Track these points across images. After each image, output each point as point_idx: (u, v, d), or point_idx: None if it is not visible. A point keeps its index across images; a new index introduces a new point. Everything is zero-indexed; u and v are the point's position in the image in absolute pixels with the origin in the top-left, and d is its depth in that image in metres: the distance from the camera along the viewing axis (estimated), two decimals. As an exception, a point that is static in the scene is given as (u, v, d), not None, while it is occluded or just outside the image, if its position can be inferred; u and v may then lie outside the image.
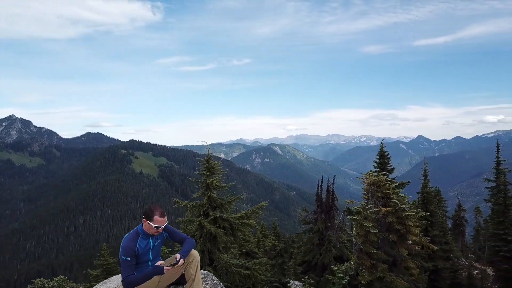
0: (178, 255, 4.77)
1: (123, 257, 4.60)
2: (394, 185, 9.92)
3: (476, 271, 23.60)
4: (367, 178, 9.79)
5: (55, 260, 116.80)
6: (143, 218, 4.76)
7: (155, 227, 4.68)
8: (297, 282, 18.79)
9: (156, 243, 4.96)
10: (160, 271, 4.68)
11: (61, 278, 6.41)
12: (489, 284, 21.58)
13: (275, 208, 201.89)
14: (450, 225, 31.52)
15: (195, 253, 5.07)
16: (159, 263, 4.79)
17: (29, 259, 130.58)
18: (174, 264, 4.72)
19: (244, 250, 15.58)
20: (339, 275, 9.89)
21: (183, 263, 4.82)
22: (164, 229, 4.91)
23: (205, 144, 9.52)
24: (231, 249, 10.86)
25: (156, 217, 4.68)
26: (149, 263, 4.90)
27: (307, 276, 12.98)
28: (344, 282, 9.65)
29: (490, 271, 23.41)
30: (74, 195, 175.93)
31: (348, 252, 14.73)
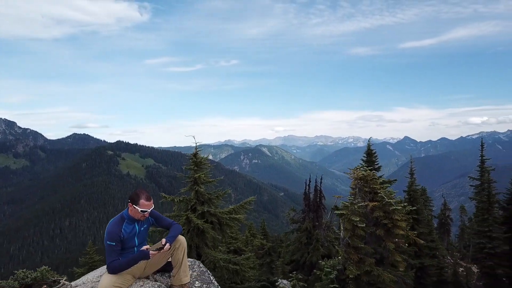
0: (164, 240, 4.65)
1: (107, 242, 4.46)
2: (381, 180, 10.01)
3: (461, 269, 23.94)
4: (354, 173, 9.85)
5: (40, 263, 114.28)
6: (129, 202, 4.64)
7: (141, 211, 4.56)
8: (285, 281, 18.83)
9: (142, 229, 4.82)
10: (146, 255, 4.54)
11: (45, 269, 6.26)
12: (473, 282, 21.90)
13: (264, 209, 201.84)
14: (435, 225, 31.96)
15: (182, 238, 4.97)
16: (144, 247, 4.65)
17: (13, 262, 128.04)
18: (160, 249, 4.60)
19: (232, 247, 15.55)
20: (327, 269, 9.93)
21: (170, 248, 4.71)
22: (150, 214, 4.80)
23: (193, 138, 9.46)
24: (219, 247, 10.81)
25: (142, 201, 4.57)
26: (135, 249, 4.75)
27: (295, 272, 12.99)
28: (332, 277, 9.70)
29: (474, 268, 23.76)
30: (60, 197, 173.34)
31: (337, 248, 14.80)
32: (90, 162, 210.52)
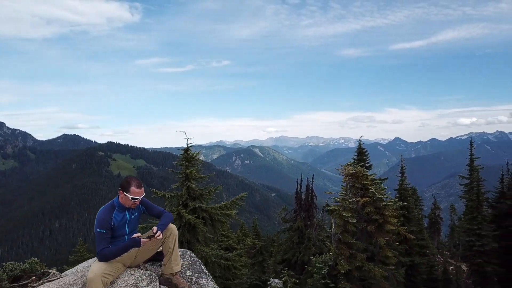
0: (155, 228, 4.59)
1: (98, 229, 4.40)
2: (371, 177, 10.08)
3: (451, 267, 24.17)
4: (345, 169, 9.91)
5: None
6: (119, 189, 4.56)
7: (131, 198, 4.49)
8: (277, 280, 18.85)
9: (133, 217, 4.77)
10: (136, 243, 4.49)
11: (33, 261, 6.19)
12: (463, 279, 22.13)
13: (255, 210, 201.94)
14: (426, 224, 32.25)
15: (173, 227, 4.91)
16: (135, 235, 4.59)
17: (2, 264, 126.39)
18: (151, 237, 4.53)
19: (223, 245, 15.54)
20: (318, 265, 9.97)
21: (160, 235, 4.62)
22: (141, 202, 4.73)
23: (184, 135, 9.43)
24: (211, 245, 10.81)
25: (133, 188, 4.50)
26: (125, 237, 4.69)
27: (286, 268, 13.00)
28: (324, 272, 9.73)
29: (464, 267, 24.00)
30: (50, 198, 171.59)
31: (328, 245, 14.85)
32: (81, 163, 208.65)
